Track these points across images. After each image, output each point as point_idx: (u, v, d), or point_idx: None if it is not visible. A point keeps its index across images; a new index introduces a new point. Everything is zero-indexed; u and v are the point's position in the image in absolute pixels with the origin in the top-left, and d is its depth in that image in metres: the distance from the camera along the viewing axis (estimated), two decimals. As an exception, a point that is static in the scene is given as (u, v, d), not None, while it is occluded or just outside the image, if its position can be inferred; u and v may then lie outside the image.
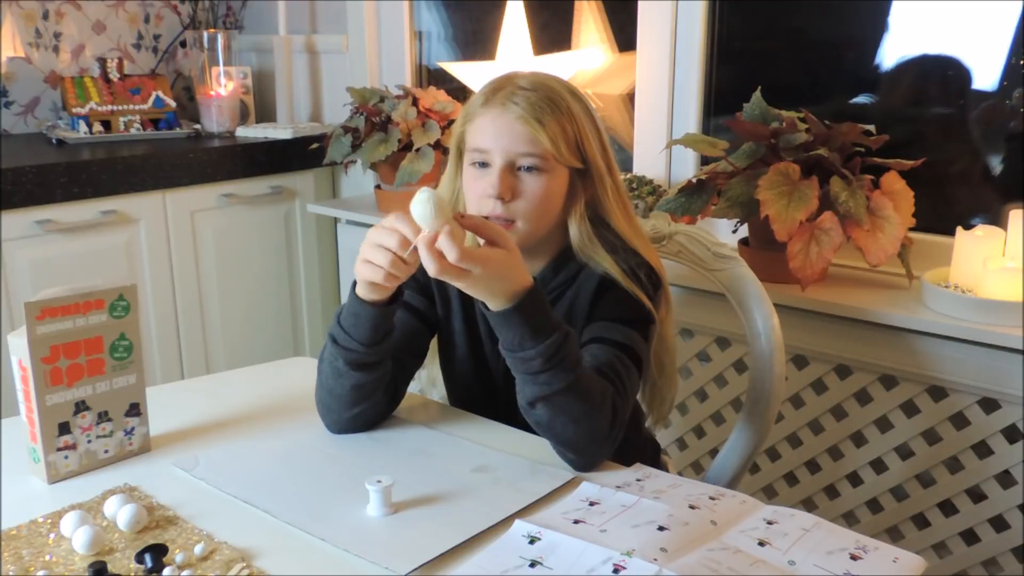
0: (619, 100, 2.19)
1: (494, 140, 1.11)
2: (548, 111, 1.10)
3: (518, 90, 1.11)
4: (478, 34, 2.50)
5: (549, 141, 1.09)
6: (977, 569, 1.52)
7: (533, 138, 1.09)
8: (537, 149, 1.10)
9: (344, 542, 0.87)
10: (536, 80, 1.13)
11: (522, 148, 1.10)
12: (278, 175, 2.50)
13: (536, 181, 1.11)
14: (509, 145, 1.10)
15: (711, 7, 1.91)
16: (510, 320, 0.97)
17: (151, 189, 2.24)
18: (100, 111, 2.46)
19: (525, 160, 1.10)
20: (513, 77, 1.14)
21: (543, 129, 1.09)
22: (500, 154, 1.10)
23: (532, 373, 0.99)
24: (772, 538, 0.86)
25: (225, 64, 2.65)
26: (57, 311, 0.98)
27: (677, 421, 1.85)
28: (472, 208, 1.15)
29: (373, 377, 1.08)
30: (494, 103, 1.11)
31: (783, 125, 1.59)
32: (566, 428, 1.01)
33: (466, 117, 1.15)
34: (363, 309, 1.04)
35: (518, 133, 1.10)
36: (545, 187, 1.11)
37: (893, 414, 1.56)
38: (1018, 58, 1.61)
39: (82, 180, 2.11)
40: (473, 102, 1.15)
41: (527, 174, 1.11)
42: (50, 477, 1.00)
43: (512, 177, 1.11)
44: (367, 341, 1.05)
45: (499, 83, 1.14)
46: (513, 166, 1.11)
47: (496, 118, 1.11)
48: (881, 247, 1.50)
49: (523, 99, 1.10)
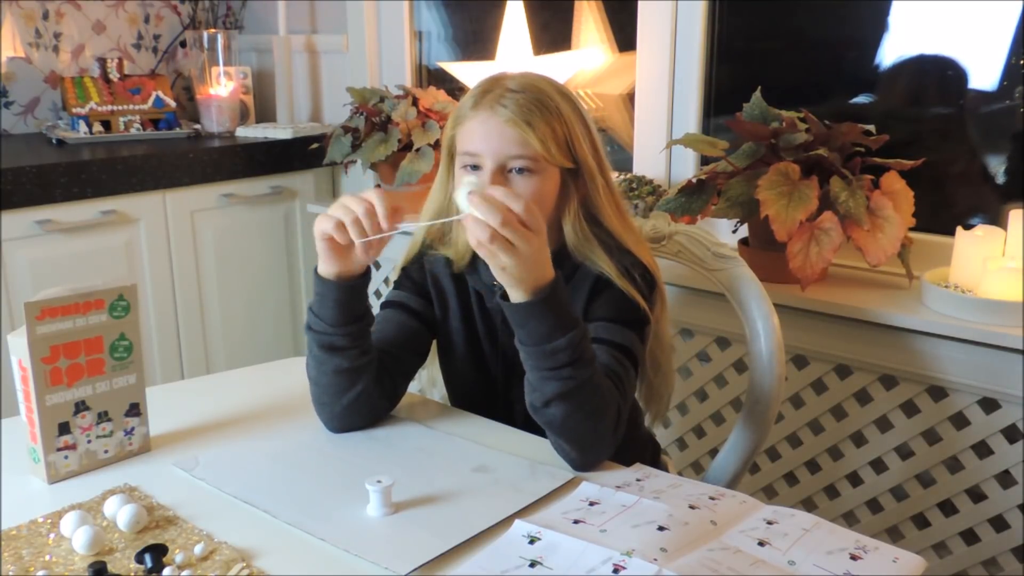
0: (619, 100, 2.19)
1: (484, 143, 1.10)
2: (537, 113, 1.10)
3: (507, 92, 1.11)
4: (478, 34, 2.50)
5: (539, 143, 1.09)
6: (977, 569, 1.52)
7: (523, 140, 1.09)
8: (527, 151, 1.10)
9: (344, 542, 0.87)
10: (524, 82, 1.13)
11: (512, 150, 1.10)
12: (278, 175, 2.50)
13: (527, 182, 1.11)
14: (499, 148, 1.10)
15: (711, 7, 1.91)
16: (538, 311, 0.97)
17: (151, 189, 2.24)
18: (100, 111, 2.46)
19: (516, 162, 1.10)
20: (501, 79, 1.14)
21: (532, 131, 1.09)
22: (491, 157, 1.10)
23: (556, 367, 0.98)
24: (772, 538, 0.86)
25: (225, 64, 2.65)
26: (57, 311, 0.98)
27: (677, 421, 1.85)
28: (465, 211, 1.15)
29: (352, 362, 1.09)
30: (483, 106, 1.11)
31: (783, 125, 1.59)
32: (579, 425, 1.00)
33: (456, 120, 1.15)
34: (325, 287, 1.07)
35: (508, 136, 1.09)
36: (536, 188, 1.11)
37: (893, 414, 1.56)
38: (1018, 58, 1.62)
39: (82, 180, 2.11)
40: (463, 105, 1.15)
41: (518, 176, 1.11)
42: (50, 477, 1.00)
43: (503, 179, 1.10)
44: (334, 321, 1.07)
45: (487, 85, 1.13)
46: (504, 168, 1.10)
47: (485, 121, 1.10)
48: (881, 247, 1.50)
49: (512, 101, 1.10)
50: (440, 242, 1.24)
